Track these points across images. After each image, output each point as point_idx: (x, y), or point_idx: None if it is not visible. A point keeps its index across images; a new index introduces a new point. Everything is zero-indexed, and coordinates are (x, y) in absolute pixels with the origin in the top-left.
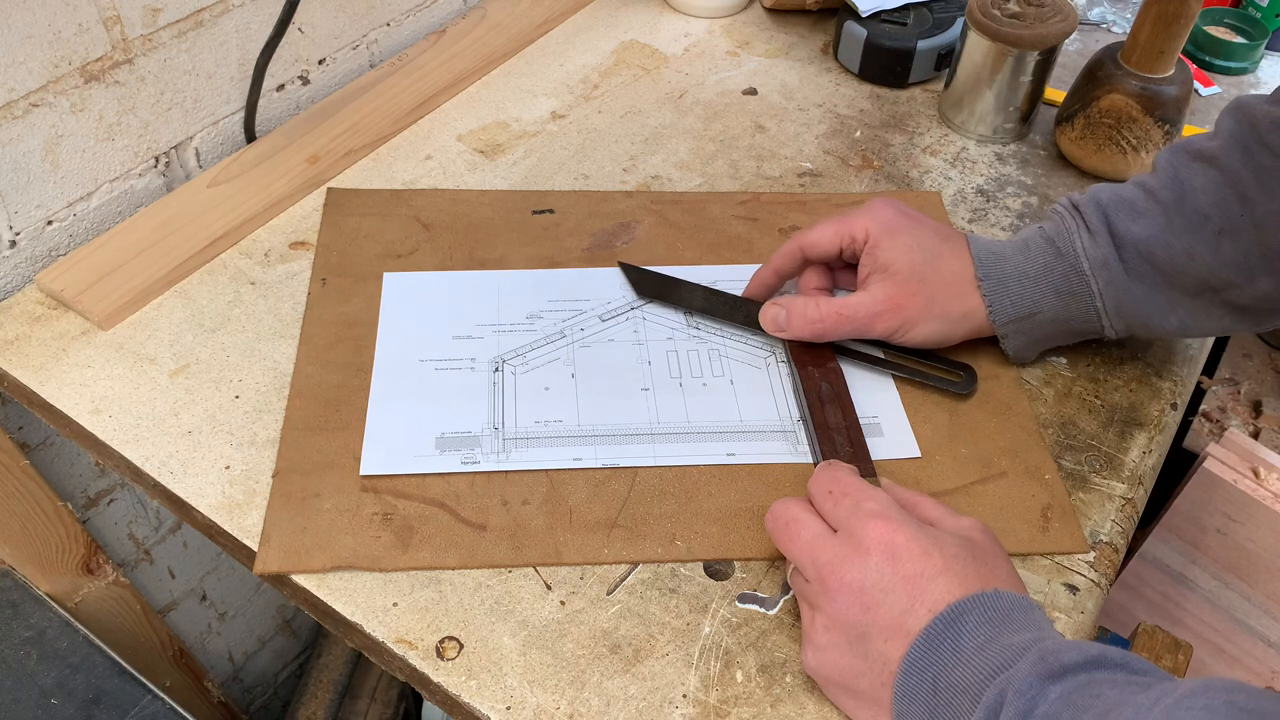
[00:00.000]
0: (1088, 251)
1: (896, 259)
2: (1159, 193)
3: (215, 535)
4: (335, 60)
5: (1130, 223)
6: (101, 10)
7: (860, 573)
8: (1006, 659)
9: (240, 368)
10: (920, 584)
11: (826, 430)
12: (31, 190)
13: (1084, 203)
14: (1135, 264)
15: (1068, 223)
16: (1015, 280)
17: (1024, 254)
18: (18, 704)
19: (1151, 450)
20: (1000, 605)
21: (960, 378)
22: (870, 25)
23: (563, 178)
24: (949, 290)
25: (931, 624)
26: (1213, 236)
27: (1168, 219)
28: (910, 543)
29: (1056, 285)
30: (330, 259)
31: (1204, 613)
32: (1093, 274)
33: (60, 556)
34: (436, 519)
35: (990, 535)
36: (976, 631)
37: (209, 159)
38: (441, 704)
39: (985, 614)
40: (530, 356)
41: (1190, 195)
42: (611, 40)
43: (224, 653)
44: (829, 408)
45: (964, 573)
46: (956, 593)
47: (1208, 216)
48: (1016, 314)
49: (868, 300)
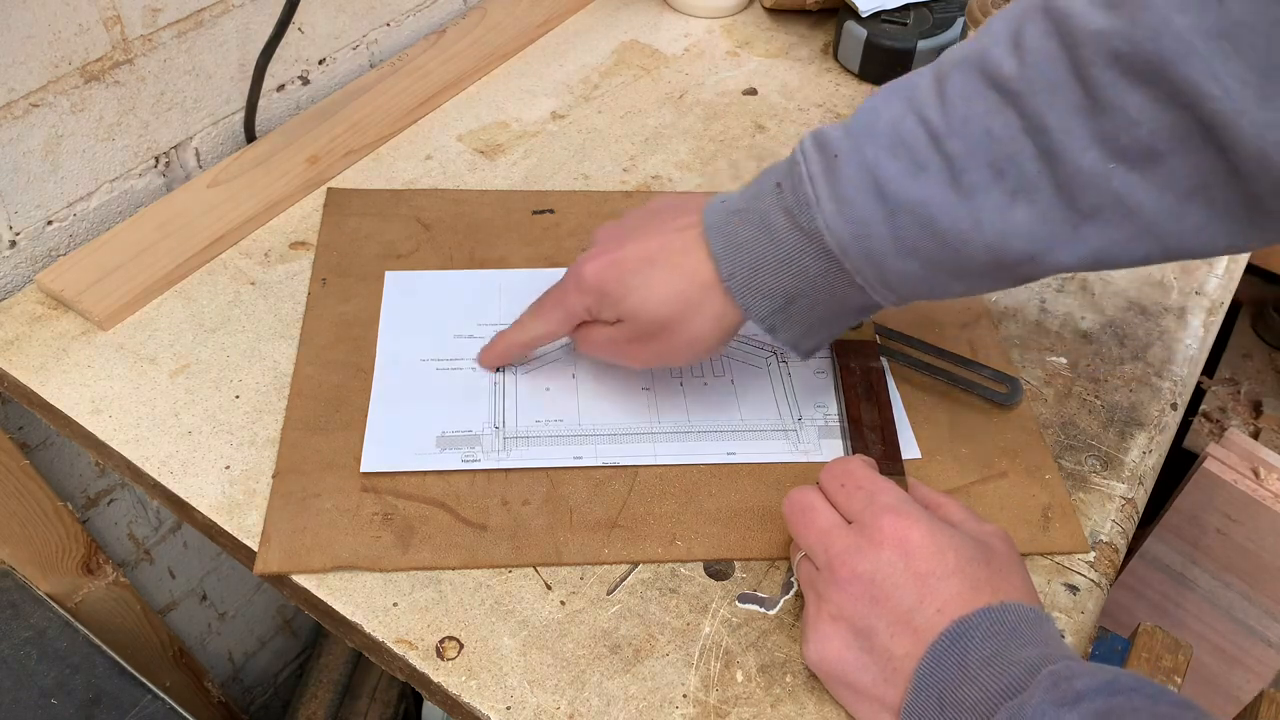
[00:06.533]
0: (831, 227)
1: (623, 310)
2: (947, 141)
3: (215, 535)
4: (335, 60)
5: (909, 181)
6: (101, 10)
7: (872, 565)
8: (1014, 678)
9: (240, 368)
10: (930, 582)
11: (859, 426)
12: (31, 190)
13: (842, 156)
14: (910, 233)
15: (807, 191)
16: (765, 272)
17: (767, 235)
18: (18, 704)
19: (1151, 450)
20: (1008, 619)
21: (1005, 389)
22: (870, 25)
23: (563, 178)
24: (697, 305)
25: (938, 640)
26: (1005, 197)
27: (952, 176)
28: (925, 540)
29: (807, 268)
30: (330, 259)
31: (1204, 613)
32: (841, 253)
33: (60, 556)
34: (437, 519)
35: (1010, 545)
36: (984, 645)
37: (209, 159)
38: (441, 704)
39: (993, 627)
40: (531, 356)
41: (983, 145)
42: (611, 40)
43: (224, 653)
44: (865, 405)
45: (976, 577)
46: (967, 595)
47: (1002, 171)
48: (773, 307)
49: (622, 343)
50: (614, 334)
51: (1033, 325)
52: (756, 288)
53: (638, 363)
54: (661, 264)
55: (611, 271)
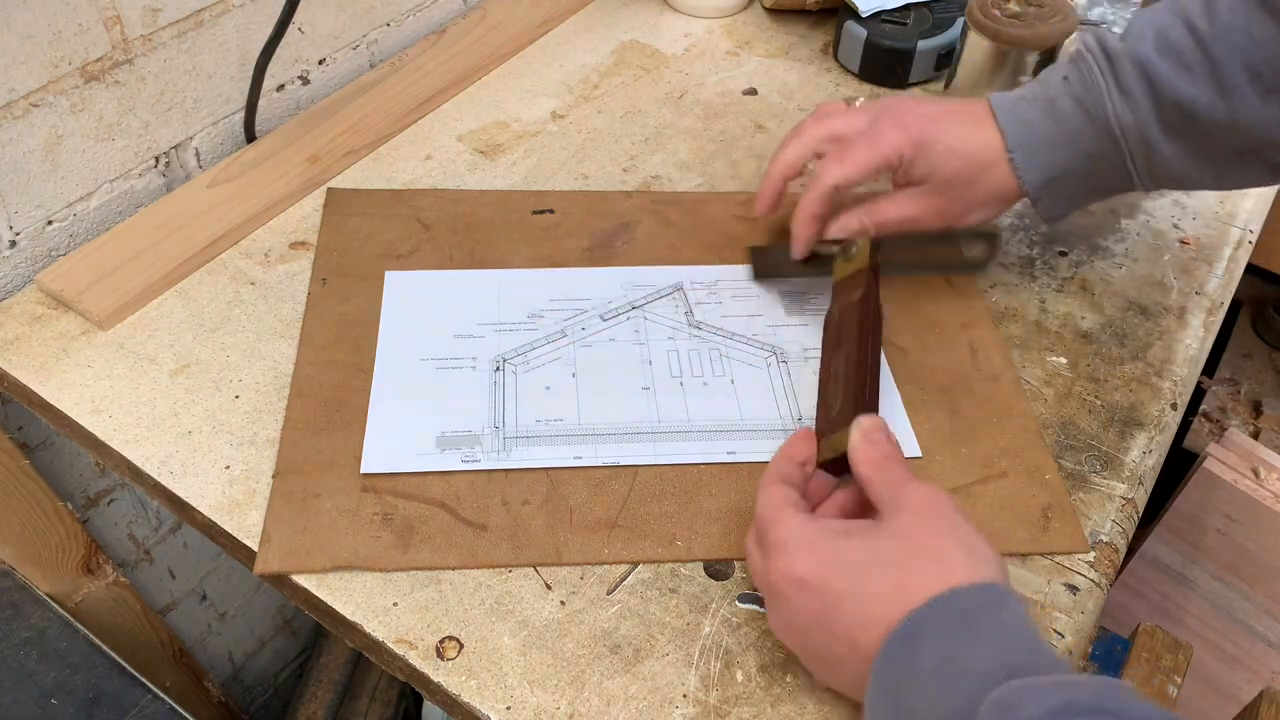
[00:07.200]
0: (1119, 115)
1: (932, 169)
2: (1212, 45)
3: (215, 535)
4: (335, 60)
5: (1176, 79)
6: (101, 10)
7: (785, 616)
8: (966, 694)
9: (240, 368)
10: (837, 613)
11: (824, 385)
12: (31, 190)
13: (1119, 54)
14: (1175, 122)
15: (1097, 80)
16: (1045, 148)
17: (1052, 117)
18: (18, 704)
19: (1151, 450)
20: (955, 608)
21: (984, 247)
22: (870, 25)
23: (563, 178)
24: (987, 172)
25: (887, 643)
26: (1262, 94)
27: (1216, 77)
28: (814, 571)
29: (1087, 149)
30: (330, 259)
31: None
32: (1123, 137)
33: (60, 556)
34: (437, 519)
35: (938, 507)
36: (935, 649)
37: (209, 159)
38: (441, 704)
39: (940, 625)
40: (531, 356)
41: (1246, 48)
42: (611, 40)
43: (224, 653)
44: (835, 354)
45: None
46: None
47: (1260, 73)
48: (1047, 178)
49: (913, 202)
50: (910, 194)
51: (1033, 325)
52: (1037, 161)
53: (925, 223)
54: (960, 121)
55: (923, 122)
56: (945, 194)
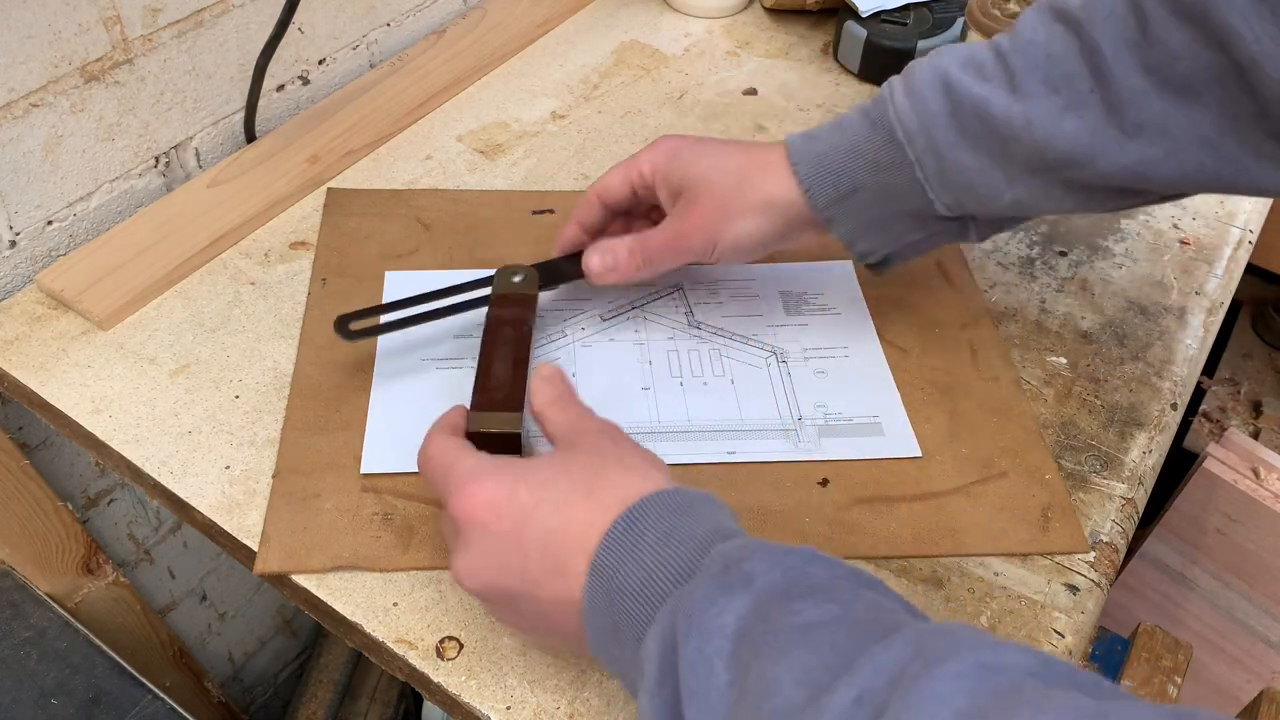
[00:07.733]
0: (901, 117)
1: (687, 174)
2: (1010, 57)
3: (215, 535)
4: (335, 60)
5: (975, 85)
6: (101, 10)
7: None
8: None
9: (240, 368)
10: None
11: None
12: (31, 190)
13: (916, 66)
14: (970, 125)
15: (884, 91)
16: (829, 157)
17: (837, 130)
18: (18, 704)
19: (1151, 450)
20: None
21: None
22: (870, 25)
23: (563, 178)
24: (760, 176)
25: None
26: (1057, 109)
27: (1011, 82)
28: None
29: (873, 158)
30: (330, 259)
31: (1204, 613)
32: (908, 141)
33: (60, 556)
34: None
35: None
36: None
37: (209, 159)
38: (441, 704)
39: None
40: (531, 356)
41: (1042, 63)
42: (611, 40)
43: (224, 653)
44: (502, 351)
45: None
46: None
47: (1056, 89)
48: (836, 194)
49: (671, 222)
50: (674, 212)
51: (1033, 325)
52: (823, 171)
53: (690, 237)
54: (735, 144)
55: (689, 140)
56: (705, 199)
